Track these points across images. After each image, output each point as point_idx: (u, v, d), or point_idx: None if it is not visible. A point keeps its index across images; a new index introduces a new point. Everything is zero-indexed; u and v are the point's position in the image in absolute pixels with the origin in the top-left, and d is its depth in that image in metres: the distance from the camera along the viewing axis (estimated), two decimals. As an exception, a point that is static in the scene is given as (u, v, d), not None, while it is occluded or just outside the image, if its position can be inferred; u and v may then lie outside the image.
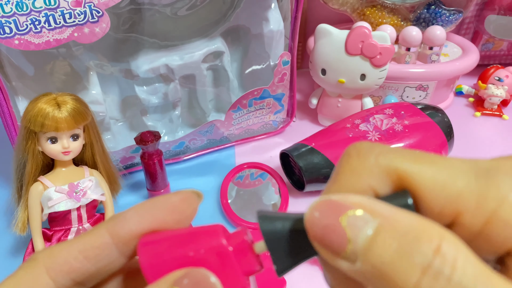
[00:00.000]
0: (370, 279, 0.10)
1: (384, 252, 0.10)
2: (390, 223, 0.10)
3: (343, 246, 0.10)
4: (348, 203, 0.11)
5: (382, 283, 0.10)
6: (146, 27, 0.39)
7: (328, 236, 0.10)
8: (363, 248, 0.10)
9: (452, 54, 0.56)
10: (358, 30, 0.44)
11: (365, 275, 0.10)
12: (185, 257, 0.12)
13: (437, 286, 0.09)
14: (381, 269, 0.10)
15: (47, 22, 0.32)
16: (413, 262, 0.09)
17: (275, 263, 0.12)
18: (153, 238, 0.13)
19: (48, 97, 0.32)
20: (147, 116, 0.44)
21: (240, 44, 0.45)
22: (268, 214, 0.13)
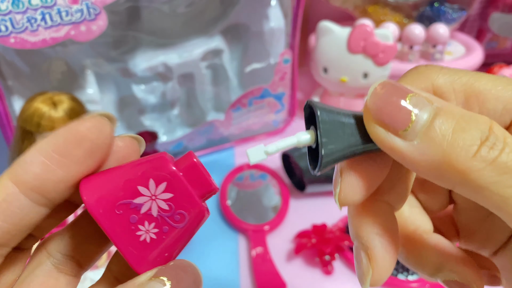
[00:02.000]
0: (425, 156, 0.11)
1: (445, 128, 0.11)
2: (447, 107, 0.11)
3: (405, 123, 0.11)
4: (409, 88, 0.11)
5: (439, 157, 0.10)
6: (144, 25, 0.39)
7: (391, 114, 0.11)
8: (424, 125, 0.11)
9: (456, 52, 0.55)
10: (361, 28, 0.43)
11: (422, 152, 0.11)
12: (134, 189, 0.12)
13: (492, 155, 0.10)
14: (441, 143, 0.10)
15: (44, 20, 0.31)
16: (473, 136, 0.10)
17: (325, 150, 0.12)
18: (94, 178, 0.12)
19: (44, 96, 0.32)
20: (145, 115, 0.44)
21: (240, 42, 0.44)
22: (321, 103, 0.12)
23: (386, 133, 0.11)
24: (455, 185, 0.11)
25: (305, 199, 0.42)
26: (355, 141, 0.12)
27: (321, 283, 0.34)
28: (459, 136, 0.10)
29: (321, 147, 0.12)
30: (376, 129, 0.11)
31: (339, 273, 0.35)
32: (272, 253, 0.36)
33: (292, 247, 0.37)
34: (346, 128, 0.12)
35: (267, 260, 0.35)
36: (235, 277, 0.35)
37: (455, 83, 0.12)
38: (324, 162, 0.12)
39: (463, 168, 0.10)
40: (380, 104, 0.11)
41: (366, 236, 0.13)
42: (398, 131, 0.11)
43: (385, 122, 0.11)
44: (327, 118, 0.12)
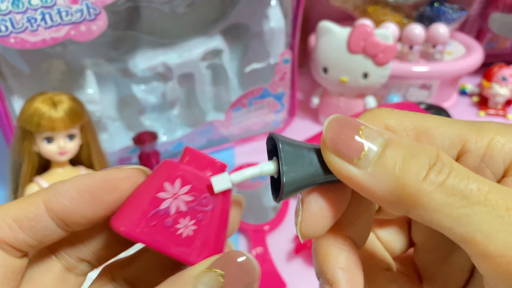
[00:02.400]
0: (379, 181, 0.11)
1: (396, 156, 0.11)
2: (397, 138, 0.12)
3: (359, 152, 0.12)
4: (361, 122, 0.12)
5: (391, 182, 0.11)
6: (144, 25, 0.39)
7: (345, 145, 0.12)
8: (376, 153, 0.12)
9: (456, 52, 0.55)
10: (361, 28, 0.43)
11: (376, 178, 0.11)
12: (155, 198, 0.13)
13: (440, 178, 0.11)
14: (393, 170, 0.11)
15: (44, 20, 0.31)
16: (422, 161, 0.11)
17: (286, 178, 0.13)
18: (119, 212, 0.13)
19: (44, 97, 0.32)
20: (145, 115, 0.44)
21: (240, 42, 0.45)
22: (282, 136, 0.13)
23: (342, 162, 0.12)
24: (409, 209, 0.11)
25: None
26: (315, 171, 0.13)
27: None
28: (409, 162, 0.11)
29: (282, 175, 0.13)
30: (332, 158, 0.12)
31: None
32: (272, 253, 0.36)
33: (292, 247, 0.37)
34: (306, 158, 0.13)
35: (267, 260, 0.35)
36: (235, 277, 0.35)
37: (405, 123, 0.13)
38: (286, 190, 0.13)
39: (415, 191, 0.11)
40: (335, 135, 0.12)
41: (330, 271, 0.13)
42: (353, 159, 0.12)
43: (340, 152, 0.12)
44: (288, 149, 0.13)
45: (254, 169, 0.13)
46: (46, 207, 0.12)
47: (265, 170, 0.13)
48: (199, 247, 0.13)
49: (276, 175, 0.13)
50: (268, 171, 0.13)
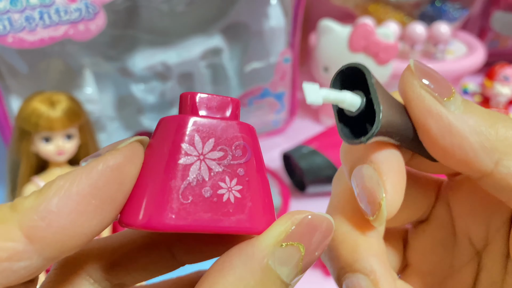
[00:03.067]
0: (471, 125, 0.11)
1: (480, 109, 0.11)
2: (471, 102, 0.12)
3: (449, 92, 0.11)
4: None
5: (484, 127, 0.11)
6: (143, 24, 0.39)
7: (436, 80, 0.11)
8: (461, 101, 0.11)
9: (458, 51, 0.55)
10: (362, 27, 0.43)
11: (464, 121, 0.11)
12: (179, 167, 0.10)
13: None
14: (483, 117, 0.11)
15: (42, 19, 0.31)
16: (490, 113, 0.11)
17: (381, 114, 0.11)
18: (130, 206, 0.10)
19: (42, 96, 0.32)
20: (144, 115, 0.44)
21: (239, 41, 0.44)
22: None
23: (432, 99, 0.11)
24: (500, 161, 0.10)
25: (306, 199, 0.42)
26: (406, 123, 0.11)
27: (321, 283, 0.34)
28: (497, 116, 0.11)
29: (378, 112, 0.10)
30: (421, 91, 0.11)
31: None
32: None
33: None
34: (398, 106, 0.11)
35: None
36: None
37: None
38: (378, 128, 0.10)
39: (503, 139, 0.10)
40: (426, 68, 0.11)
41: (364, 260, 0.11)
42: (443, 98, 0.11)
43: (430, 87, 0.11)
44: (381, 88, 0.11)
45: (343, 95, 0.11)
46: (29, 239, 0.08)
47: (348, 100, 0.11)
48: (256, 209, 0.10)
49: (357, 112, 0.11)
50: (351, 103, 0.11)
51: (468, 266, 0.13)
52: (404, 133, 0.11)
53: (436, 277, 0.14)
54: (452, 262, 0.13)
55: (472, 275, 0.13)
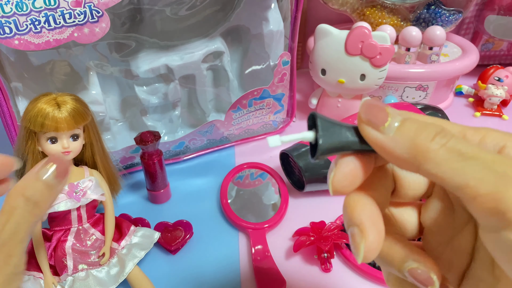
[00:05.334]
0: (399, 143, 0.15)
1: (411, 126, 0.15)
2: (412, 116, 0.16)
3: (384, 121, 0.15)
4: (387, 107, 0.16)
5: (407, 144, 0.15)
6: (146, 27, 0.39)
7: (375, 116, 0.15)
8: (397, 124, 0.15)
9: (452, 54, 0.56)
10: (358, 30, 0.44)
11: (396, 141, 0.15)
12: None
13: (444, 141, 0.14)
14: (409, 134, 0.15)
15: (47, 22, 0.31)
16: (431, 130, 0.14)
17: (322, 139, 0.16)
18: None
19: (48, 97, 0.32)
20: (147, 116, 0.44)
21: (240, 44, 0.45)
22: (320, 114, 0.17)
23: (371, 129, 0.15)
24: (419, 165, 0.14)
25: (304, 198, 0.43)
26: (345, 139, 0.16)
27: (319, 280, 0.35)
28: (421, 130, 0.15)
29: (319, 137, 0.16)
30: (364, 127, 0.16)
31: (337, 270, 0.35)
32: (271, 251, 0.36)
33: (291, 244, 0.37)
34: (341, 131, 0.16)
35: (267, 258, 0.36)
36: (236, 274, 0.35)
37: None
38: (321, 149, 0.16)
39: (424, 149, 0.14)
40: (367, 110, 0.16)
41: (358, 217, 0.16)
42: (379, 127, 0.15)
43: (370, 122, 0.15)
44: (326, 122, 0.16)
45: (301, 135, 0.16)
46: None
47: (306, 136, 0.16)
48: None
49: (314, 141, 0.16)
50: (310, 138, 0.16)
51: (467, 226, 0.17)
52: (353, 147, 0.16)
53: (445, 235, 0.18)
54: (454, 224, 0.17)
55: (472, 233, 0.17)
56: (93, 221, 0.35)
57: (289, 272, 0.35)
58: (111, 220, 0.35)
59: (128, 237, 0.36)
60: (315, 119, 0.16)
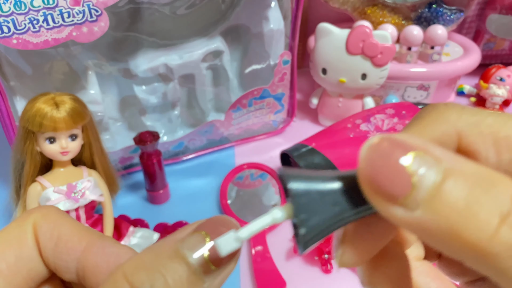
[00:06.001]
0: (430, 230, 0.09)
1: (455, 199, 0.08)
2: (459, 168, 0.09)
3: (405, 191, 0.09)
4: (410, 144, 0.09)
5: (446, 234, 0.08)
6: (145, 26, 0.39)
7: (386, 179, 0.09)
8: (428, 193, 0.09)
9: (454, 53, 0.56)
10: (359, 29, 0.44)
11: (425, 225, 0.09)
12: None
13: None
14: (449, 218, 0.08)
15: (46, 22, 0.31)
16: (490, 210, 0.08)
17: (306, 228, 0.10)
18: None
19: (46, 97, 0.32)
20: (146, 116, 0.44)
21: (240, 43, 0.45)
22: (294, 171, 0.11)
23: (382, 200, 0.09)
24: (466, 262, 0.09)
25: (305, 198, 0.42)
26: (340, 210, 0.10)
27: (320, 281, 0.34)
28: (471, 210, 0.08)
29: (299, 227, 0.10)
30: (373, 197, 0.09)
31: (338, 271, 0.35)
32: (271, 252, 0.36)
33: (291, 246, 0.37)
34: (327, 196, 0.10)
35: (267, 259, 0.35)
36: (236, 275, 0.35)
37: (481, 125, 0.10)
38: (306, 241, 0.10)
39: (479, 249, 0.08)
40: (373, 166, 0.09)
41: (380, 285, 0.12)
42: (397, 199, 0.09)
43: (380, 190, 0.09)
44: (303, 189, 0.10)
45: (265, 220, 0.11)
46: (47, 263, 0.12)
47: (278, 219, 0.11)
48: None
49: (295, 219, 0.11)
50: (281, 219, 0.11)
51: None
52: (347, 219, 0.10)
53: None
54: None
55: None
56: (91, 222, 0.35)
57: (289, 274, 0.34)
58: (109, 221, 0.35)
59: (127, 238, 0.35)
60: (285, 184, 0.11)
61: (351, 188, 0.10)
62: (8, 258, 0.12)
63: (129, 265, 0.10)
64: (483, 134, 0.10)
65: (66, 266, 0.12)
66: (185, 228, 0.11)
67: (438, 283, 0.14)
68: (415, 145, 0.09)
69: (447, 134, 0.11)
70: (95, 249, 0.12)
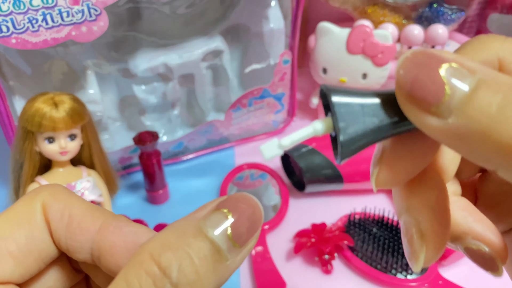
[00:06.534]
0: (463, 136, 0.09)
1: (487, 104, 0.08)
2: (493, 78, 0.09)
3: (438, 98, 0.09)
4: (445, 57, 0.09)
5: (479, 139, 0.09)
6: (145, 26, 0.39)
7: (421, 88, 0.09)
8: (461, 101, 0.09)
9: (455, 53, 0.56)
10: (360, 28, 0.44)
11: (458, 132, 0.09)
12: None
13: None
14: (481, 123, 0.08)
15: (45, 21, 0.31)
16: None
17: (344, 136, 0.10)
18: None
19: (45, 97, 0.32)
20: (146, 115, 0.44)
21: (240, 43, 0.45)
22: (336, 86, 0.11)
23: (417, 111, 0.10)
24: (499, 167, 0.09)
25: (305, 198, 0.42)
26: (379, 123, 0.11)
27: (320, 282, 0.34)
28: (504, 114, 0.08)
29: (338, 134, 0.11)
30: (407, 106, 0.10)
31: (338, 272, 0.35)
32: (271, 252, 0.36)
33: (291, 246, 0.37)
34: (367, 108, 0.11)
35: (267, 259, 0.35)
36: (235, 276, 0.35)
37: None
38: (344, 150, 0.11)
39: (509, 149, 0.08)
40: (409, 74, 0.10)
41: (418, 210, 0.12)
42: (430, 107, 0.09)
43: (415, 97, 0.09)
44: (344, 101, 0.11)
45: (306, 130, 0.11)
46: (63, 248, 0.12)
47: (318, 130, 0.11)
48: None
49: (334, 132, 0.11)
50: (321, 130, 0.11)
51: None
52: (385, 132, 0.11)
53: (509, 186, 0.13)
54: None
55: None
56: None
57: (289, 274, 0.34)
58: (109, 221, 0.35)
59: (127, 238, 0.35)
60: (328, 95, 0.11)
61: (390, 103, 0.11)
62: (19, 239, 0.11)
63: (154, 245, 0.10)
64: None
65: (80, 247, 0.12)
66: (206, 206, 0.11)
67: (476, 218, 0.14)
68: (450, 58, 0.09)
69: (488, 61, 0.11)
70: (111, 228, 0.12)
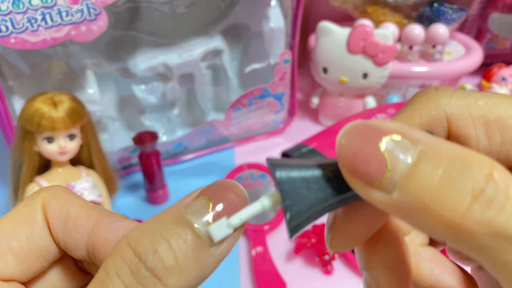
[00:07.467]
0: (408, 210, 0.09)
1: (428, 179, 0.08)
2: (434, 149, 0.09)
3: (380, 174, 0.09)
4: (386, 128, 0.09)
5: (423, 214, 0.09)
6: (144, 25, 0.39)
7: (363, 163, 0.09)
8: (403, 175, 0.09)
9: (455, 52, 0.55)
10: (360, 28, 0.43)
11: (402, 206, 0.09)
12: None
13: (489, 214, 0.08)
14: (423, 198, 0.08)
15: (44, 21, 0.31)
16: (463, 188, 0.08)
17: (291, 213, 0.10)
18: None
19: (44, 97, 0.32)
20: (145, 115, 0.44)
21: (240, 42, 0.45)
22: (281, 160, 0.11)
23: (361, 185, 0.09)
24: (446, 240, 0.09)
25: (305, 199, 0.42)
26: (325, 197, 0.11)
27: (320, 282, 0.34)
28: (446, 190, 0.08)
29: (285, 212, 0.11)
30: (351, 180, 0.10)
31: (338, 272, 0.35)
32: (272, 253, 0.36)
33: (292, 246, 0.37)
34: (313, 184, 0.11)
35: (267, 260, 0.35)
36: (235, 276, 0.35)
37: (471, 108, 0.11)
38: (292, 226, 0.11)
39: (453, 226, 0.08)
40: (349, 154, 0.10)
41: (376, 269, 0.12)
42: (373, 182, 0.09)
43: (357, 172, 0.09)
44: (288, 176, 0.11)
45: (254, 207, 0.11)
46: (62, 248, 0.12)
47: (266, 206, 0.11)
48: None
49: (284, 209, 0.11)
50: (269, 206, 0.11)
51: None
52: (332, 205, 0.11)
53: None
54: None
55: None
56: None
57: (289, 275, 0.34)
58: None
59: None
60: (272, 172, 0.11)
61: (335, 175, 0.11)
62: (20, 237, 0.12)
63: (133, 233, 0.10)
64: (473, 117, 0.11)
65: (76, 244, 0.12)
66: (190, 194, 0.11)
67: (442, 269, 0.14)
68: (391, 129, 0.09)
69: (437, 119, 0.11)
70: (103, 224, 0.12)
